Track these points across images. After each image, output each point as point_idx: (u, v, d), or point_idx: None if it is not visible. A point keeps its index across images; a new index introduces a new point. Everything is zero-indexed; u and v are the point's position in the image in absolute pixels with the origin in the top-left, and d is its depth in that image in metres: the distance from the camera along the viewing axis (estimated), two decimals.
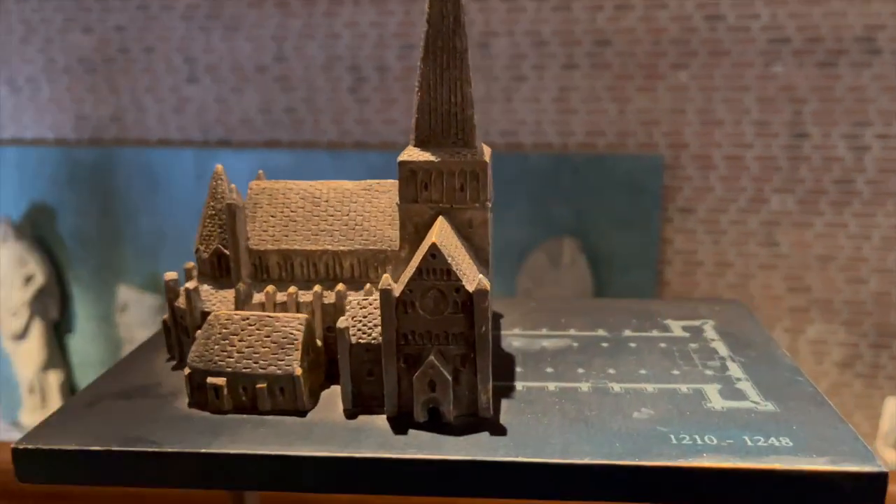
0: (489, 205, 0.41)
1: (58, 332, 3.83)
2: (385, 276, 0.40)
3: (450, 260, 0.38)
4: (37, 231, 3.67)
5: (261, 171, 0.73)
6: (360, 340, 0.38)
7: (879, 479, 0.40)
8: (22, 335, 3.71)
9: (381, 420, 0.39)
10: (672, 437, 0.40)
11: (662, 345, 0.68)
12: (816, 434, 0.45)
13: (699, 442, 0.41)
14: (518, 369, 0.45)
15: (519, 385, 0.43)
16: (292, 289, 0.48)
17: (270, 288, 0.46)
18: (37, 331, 3.71)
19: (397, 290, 0.36)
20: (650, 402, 0.44)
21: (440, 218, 0.45)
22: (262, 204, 0.51)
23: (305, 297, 0.54)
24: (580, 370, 0.48)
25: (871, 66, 2.86)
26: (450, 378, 0.38)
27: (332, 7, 3.22)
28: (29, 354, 3.75)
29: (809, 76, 2.91)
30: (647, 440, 0.38)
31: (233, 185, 0.59)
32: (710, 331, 1.02)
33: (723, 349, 0.90)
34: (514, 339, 0.53)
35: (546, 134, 3.18)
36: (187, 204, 3.51)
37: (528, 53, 3.10)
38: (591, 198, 3.13)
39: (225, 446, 0.31)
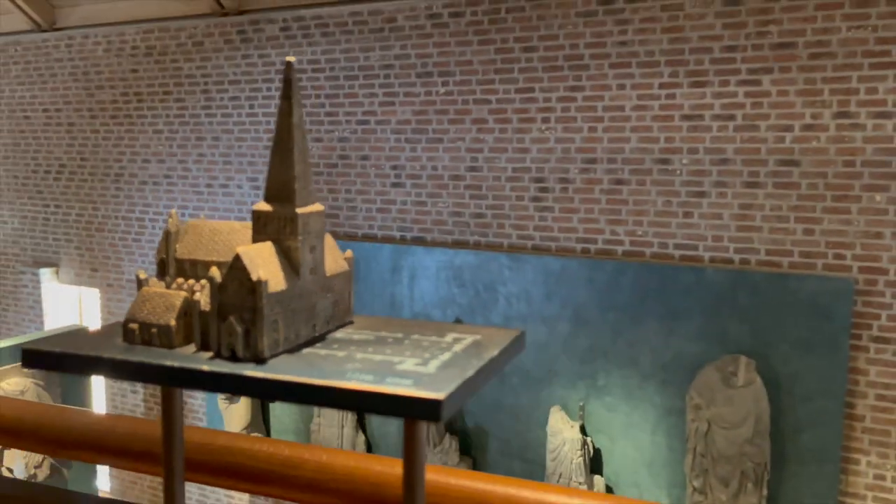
0: (300, 238, 0.61)
1: (263, 401, 4.32)
2: (214, 269, 0.64)
3: (247, 261, 0.61)
4: None
5: (173, 211, 0.96)
6: (203, 309, 0.62)
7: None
8: (233, 398, 4.24)
9: (208, 354, 0.65)
10: (351, 374, 0.59)
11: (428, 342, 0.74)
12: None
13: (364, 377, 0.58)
14: (317, 346, 0.65)
15: (305, 350, 0.64)
16: (191, 280, 0.73)
17: (180, 279, 0.72)
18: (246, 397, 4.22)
19: (219, 278, 0.62)
20: (366, 363, 0.61)
21: (268, 242, 0.67)
22: (186, 231, 0.74)
23: (197, 286, 0.81)
24: (351, 347, 0.65)
25: None
26: (240, 331, 0.60)
27: (523, 124, 3.52)
28: (237, 415, 4.26)
29: None
30: (341, 375, 0.57)
31: (174, 216, 0.88)
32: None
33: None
34: (344, 332, 0.69)
35: (725, 250, 3.15)
36: (382, 292, 3.88)
37: (709, 170, 3.14)
38: (770, 318, 3.02)
39: (134, 356, 0.60)
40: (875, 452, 2.96)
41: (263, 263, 0.67)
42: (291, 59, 0.71)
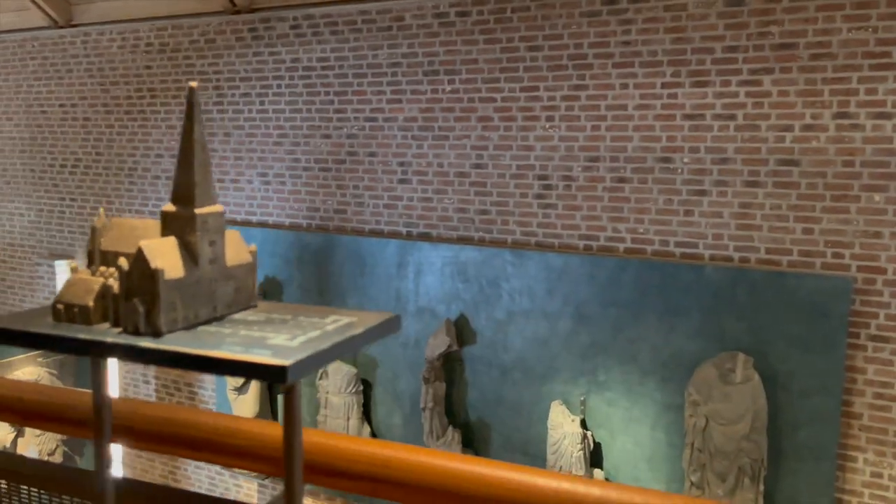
0: (198, 234, 0.71)
1: (271, 391, 4.40)
2: (122, 259, 0.75)
3: (148, 253, 0.71)
4: (266, 300, 4.31)
5: (102, 209, 1.03)
6: (114, 292, 0.73)
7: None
8: (242, 389, 4.33)
9: (117, 330, 0.77)
10: (226, 346, 0.70)
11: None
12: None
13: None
14: (213, 325, 0.76)
15: (200, 328, 0.75)
16: (112, 269, 0.82)
17: (102, 268, 0.81)
18: (254, 387, 4.30)
19: (126, 266, 0.72)
20: (244, 338, 0.73)
21: (171, 237, 0.78)
22: (111, 227, 0.84)
23: (114, 273, 0.89)
24: (239, 326, 0.75)
25: None
26: (142, 311, 0.70)
27: (528, 122, 3.57)
28: (245, 406, 4.35)
29: None
30: (218, 346, 0.69)
31: (102, 214, 0.97)
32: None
33: None
34: (242, 315, 0.78)
35: (725, 248, 3.18)
36: (387, 287, 3.95)
37: (710, 169, 3.18)
38: (769, 315, 3.05)
39: (54, 331, 0.73)
40: (872, 450, 2.99)
41: (164, 255, 0.76)
42: (194, 84, 0.80)
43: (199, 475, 4.84)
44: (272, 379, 0.67)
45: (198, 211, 0.80)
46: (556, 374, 3.54)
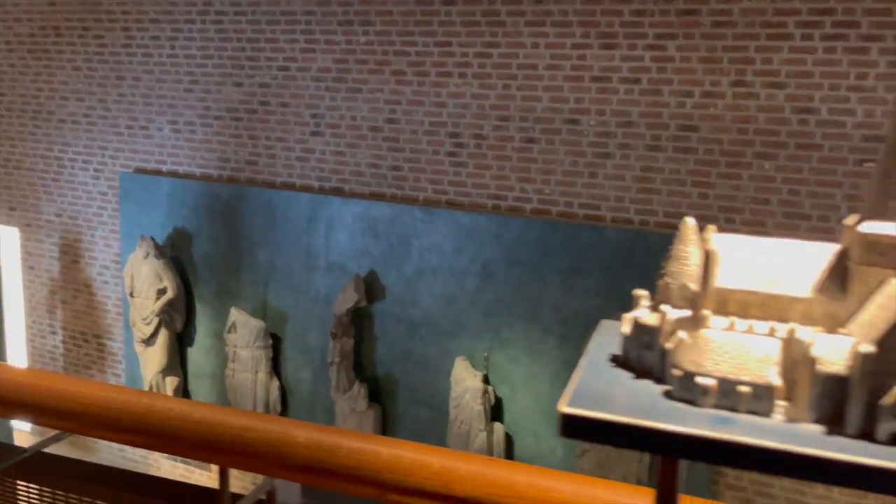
0: None
1: (180, 343, 4.33)
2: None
3: None
4: (174, 252, 4.22)
5: (711, 226, 0.95)
6: (832, 371, 0.61)
7: None
8: (150, 341, 4.25)
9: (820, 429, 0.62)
10: None
11: None
12: None
13: None
14: None
15: None
16: (751, 322, 0.73)
17: (723, 318, 0.71)
18: (162, 339, 4.23)
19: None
20: None
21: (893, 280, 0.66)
22: (724, 252, 0.75)
23: (761, 330, 0.78)
24: None
25: None
26: None
27: (441, 78, 3.53)
28: (153, 358, 4.27)
29: None
30: None
31: (713, 235, 0.85)
32: None
33: None
34: None
35: (626, 210, 3.25)
36: (297, 241, 3.90)
37: (615, 132, 3.22)
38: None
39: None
40: None
41: None
42: None
43: None
44: None
45: None
46: (462, 330, 3.58)
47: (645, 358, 0.88)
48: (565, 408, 0.71)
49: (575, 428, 0.71)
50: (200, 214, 4.17)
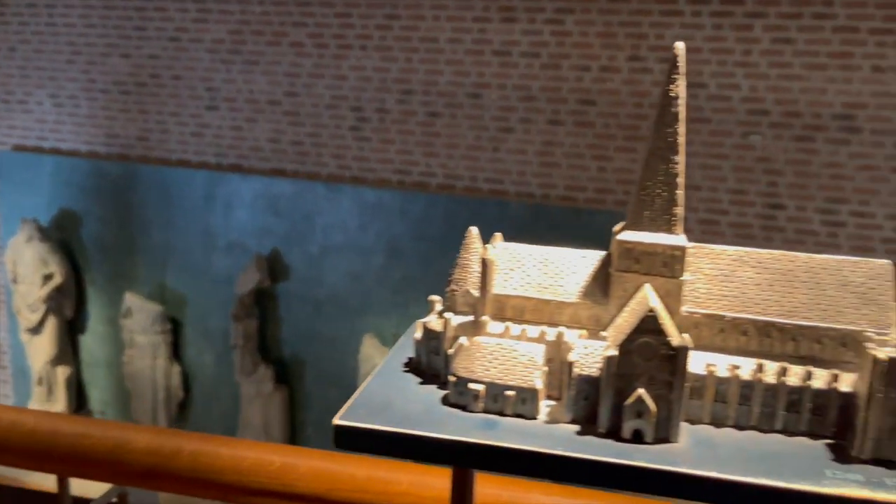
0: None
1: (71, 331, 4.10)
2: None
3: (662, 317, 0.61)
4: (61, 234, 3.97)
5: (498, 234, 0.90)
6: (581, 372, 0.62)
7: None
8: (37, 329, 3.99)
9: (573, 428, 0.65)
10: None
11: None
12: None
13: None
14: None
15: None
16: (524, 326, 0.73)
17: (501, 323, 0.71)
18: (51, 327, 3.98)
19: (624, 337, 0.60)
20: None
21: (646, 285, 0.69)
22: (503, 260, 0.76)
23: (533, 333, 0.80)
24: None
25: (850, 143, 2.87)
26: (653, 408, 0.61)
27: (341, 51, 3.45)
28: (41, 348, 4.03)
29: (787, 149, 2.94)
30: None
31: (489, 246, 0.86)
32: None
33: None
34: None
35: (528, 185, 3.29)
36: (195, 220, 3.75)
37: (516, 107, 3.24)
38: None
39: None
40: None
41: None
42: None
43: None
44: None
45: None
46: (370, 308, 3.55)
47: (434, 362, 0.93)
48: (337, 420, 0.72)
49: (348, 439, 0.72)
50: (88, 194, 3.93)
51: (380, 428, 0.72)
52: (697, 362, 0.96)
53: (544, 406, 0.86)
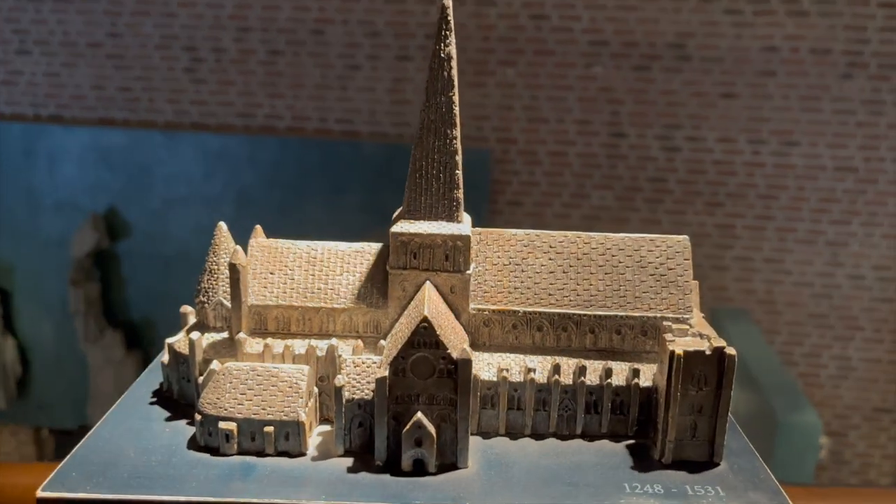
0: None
1: None
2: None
3: (437, 326, 0.47)
4: None
5: (258, 227, 0.74)
6: (353, 396, 0.46)
7: None
8: None
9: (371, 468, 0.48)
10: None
11: None
12: None
13: None
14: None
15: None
16: (289, 342, 0.55)
17: (261, 340, 0.52)
18: None
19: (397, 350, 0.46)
20: None
21: (427, 283, 0.54)
22: (261, 262, 0.56)
23: (300, 349, 0.60)
24: None
25: (682, 71, 3.02)
26: (434, 434, 0.47)
27: None
28: None
29: (626, 78, 3.05)
30: None
31: (238, 247, 0.64)
32: None
33: None
34: None
35: (381, 124, 3.21)
36: (15, 179, 3.37)
37: (362, 43, 3.13)
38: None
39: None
40: None
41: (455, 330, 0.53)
42: None
43: None
44: None
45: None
46: None
47: (186, 390, 0.86)
48: (40, 492, 0.60)
49: None
50: None
51: (92, 497, 0.59)
52: (488, 367, 0.90)
53: (316, 436, 0.75)
